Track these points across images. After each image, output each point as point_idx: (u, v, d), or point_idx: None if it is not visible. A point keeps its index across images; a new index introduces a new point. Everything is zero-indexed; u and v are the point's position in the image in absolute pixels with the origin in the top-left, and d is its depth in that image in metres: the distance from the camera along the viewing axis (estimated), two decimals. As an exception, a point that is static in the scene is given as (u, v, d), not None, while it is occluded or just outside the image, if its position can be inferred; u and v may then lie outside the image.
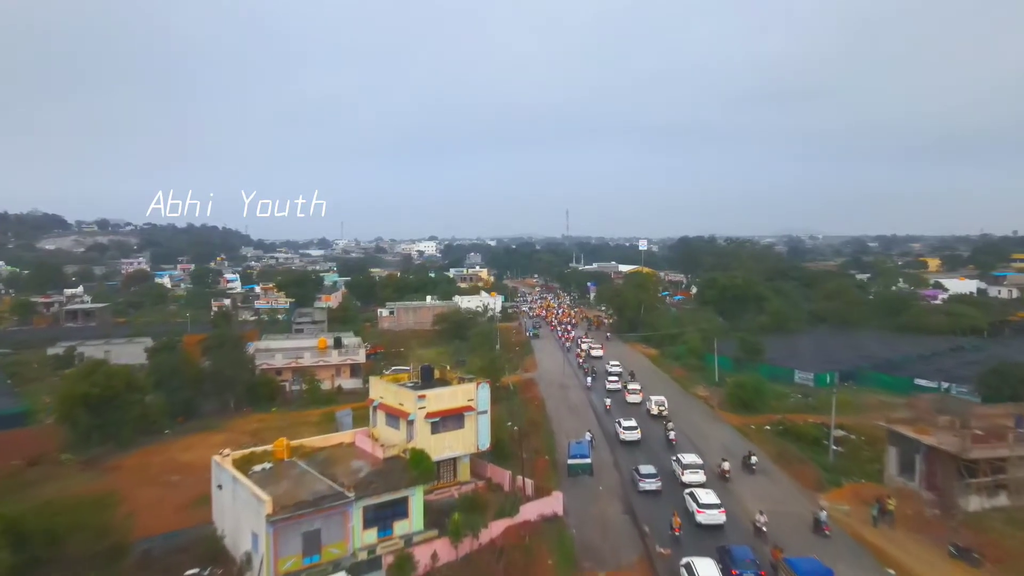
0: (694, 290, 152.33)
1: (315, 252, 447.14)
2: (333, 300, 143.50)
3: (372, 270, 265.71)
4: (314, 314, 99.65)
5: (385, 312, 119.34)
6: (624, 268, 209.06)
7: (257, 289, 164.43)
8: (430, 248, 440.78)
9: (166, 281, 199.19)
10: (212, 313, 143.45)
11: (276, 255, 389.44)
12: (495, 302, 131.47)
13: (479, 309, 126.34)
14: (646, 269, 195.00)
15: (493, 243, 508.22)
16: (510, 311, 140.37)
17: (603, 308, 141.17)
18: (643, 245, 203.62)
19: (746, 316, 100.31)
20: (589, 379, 73.37)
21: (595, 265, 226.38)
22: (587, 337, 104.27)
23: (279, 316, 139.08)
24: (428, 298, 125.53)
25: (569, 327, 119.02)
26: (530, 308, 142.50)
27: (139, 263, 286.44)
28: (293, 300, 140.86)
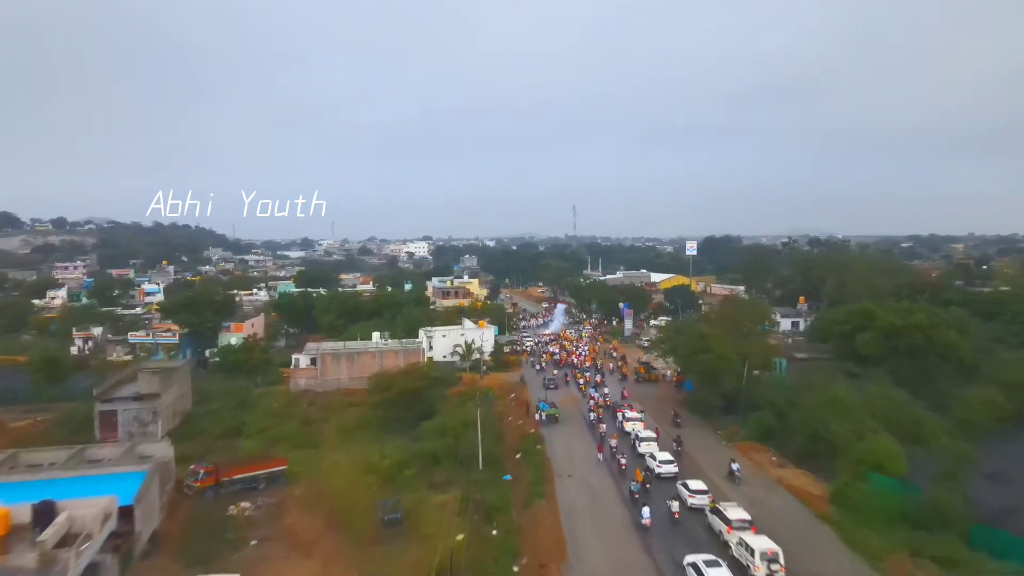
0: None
1: (294, 253, 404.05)
2: (249, 329, 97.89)
3: (343, 276, 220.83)
4: (143, 381, 53.49)
5: (303, 360, 73.50)
6: (657, 277, 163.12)
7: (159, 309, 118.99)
8: (421, 249, 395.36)
9: (61, 294, 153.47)
10: (74, 349, 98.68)
11: (248, 257, 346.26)
12: (485, 336, 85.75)
13: (459, 352, 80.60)
14: (692, 282, 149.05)
15: (492, 243, 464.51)
16: (508, 347, 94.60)
17: (646, 344, 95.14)
18: (691, 249, 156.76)
19: (933, 383, 55.00)
20: (646, 513, 35.06)
21: (620, 274, 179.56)
22: (630, 405, 59.70)
23: (171, 354, 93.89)
24: (376, 336, 79.49)
25: (598, 377, 73.74)
26: (537, 345, 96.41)
27: (76, 267, 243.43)
28: (187, 331, 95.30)
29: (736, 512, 33.58)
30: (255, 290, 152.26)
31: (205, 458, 48.52)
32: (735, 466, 40.06)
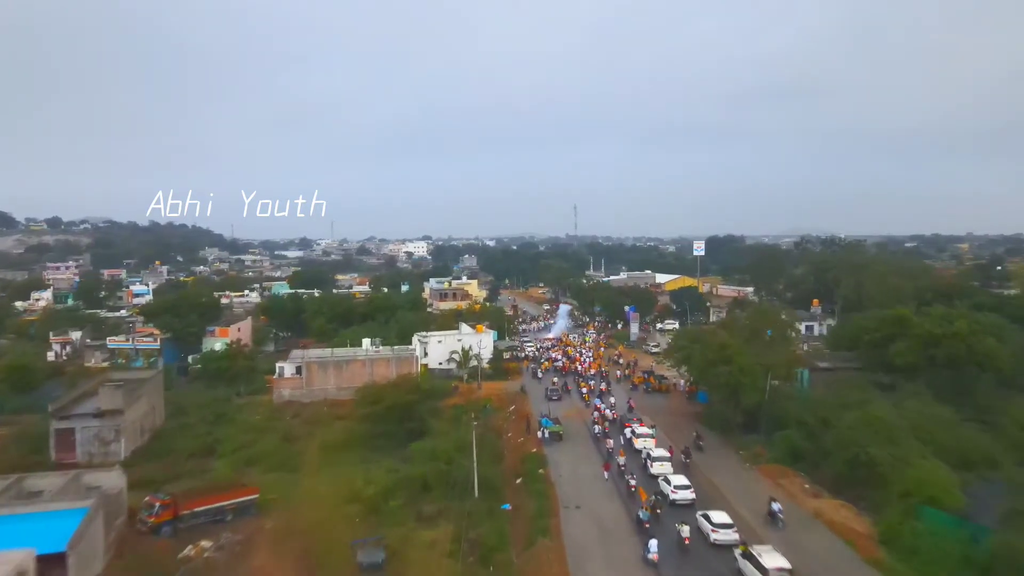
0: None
1: (292, 253, 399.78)
2: (235, 333, 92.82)
3: (339, 276, 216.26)
4: (104, 395, 48.45)
5: (288, 368, 68.58)
6: (662, 278, 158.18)
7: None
8: (420, 249, 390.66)
9: (46, 295, 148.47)
10: (51, 355, 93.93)
11: (244, 257, 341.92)
12: (483, 342, 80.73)
13: (456, 359, 75.69)
14: (698, 283, 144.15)
15: (492, 243, 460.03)
16: (508, 353, 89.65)
17: (653, 349, 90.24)
18: (699, 250, 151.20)
19: (973, 396, 50.29)
20: (653, 546, 30.77)
21: (624, 274, 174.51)
22: (639, 419, 55.07)
23: (151, 359, 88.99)
24: (366, 342, 74.47)
25: (603, 385, 69.11)
26: (539, 350, 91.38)
27: (67, 268, 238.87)
28: (169, 335, 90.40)
29: (774, 559, 28.68)
30: (246, 291, 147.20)
31: (171, 483, 43.71)
32: (776, 506, 34.72)
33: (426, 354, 77.41)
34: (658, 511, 36.42)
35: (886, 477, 36.48)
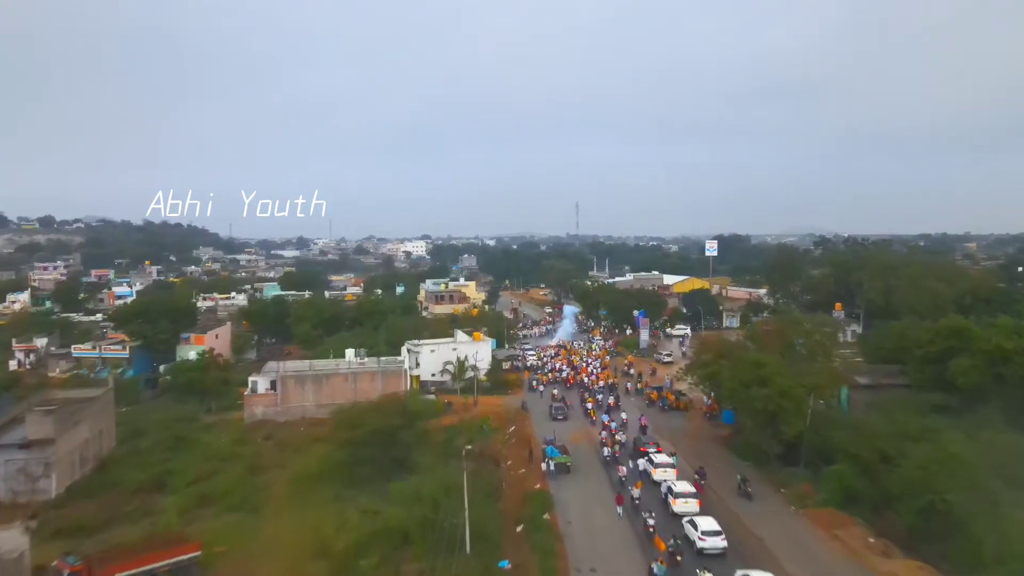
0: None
1: (289, 253, 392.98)
2: (212, 340, 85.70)
3: (334, 277, 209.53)
4: (32, 423, 41.28)
5: (262, 383, 61.46)
6: (670, 280, 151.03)
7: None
8: (419, 248, 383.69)
9: (23, 297, 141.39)
10: (14, 364, 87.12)
11: (239, 257, 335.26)
12: (481, 351, 73.62)
13: (450, 370, 68.65)
14: (706, 284, 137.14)
15: (492, 242, 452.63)
16: (507, 361, 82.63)
17: (665, 358, 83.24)
18: (711, 250, 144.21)
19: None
20: None
21: (629, 275, 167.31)
22: (656, 443, 48.46)
23: (119, 370, 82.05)
24: (350, 353, 67.26)
25: (611, 399, 62.19)
26: (541, 362, 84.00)
27: (55, 267, 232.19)
28: (139, 343, 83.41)
29: None
30: (232, 293, 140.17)
31: (106, 528, 37.02)
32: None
33: (417, 364, 70.41)
34: (678, 558, 30.09)
35: (972, 532, 29.51)
